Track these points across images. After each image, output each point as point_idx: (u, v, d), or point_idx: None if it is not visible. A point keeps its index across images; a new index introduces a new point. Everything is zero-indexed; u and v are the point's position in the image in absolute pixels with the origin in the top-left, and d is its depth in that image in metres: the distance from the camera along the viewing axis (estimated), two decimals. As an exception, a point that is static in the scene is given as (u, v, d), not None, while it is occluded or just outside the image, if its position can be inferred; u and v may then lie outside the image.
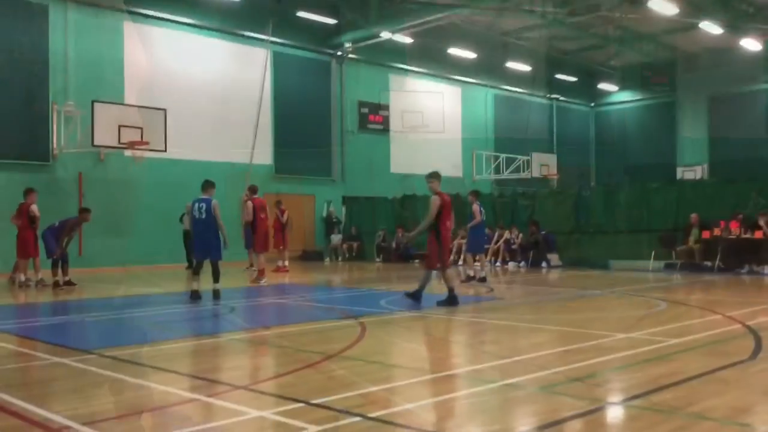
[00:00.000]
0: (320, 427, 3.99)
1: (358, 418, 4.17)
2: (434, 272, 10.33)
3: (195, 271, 11.31)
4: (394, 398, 4.99)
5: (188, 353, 7.02)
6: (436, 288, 10.79)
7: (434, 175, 10.37)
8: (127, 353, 6.65)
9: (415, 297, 10.07)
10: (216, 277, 11.11)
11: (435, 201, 9.98)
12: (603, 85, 35.77)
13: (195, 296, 11.05)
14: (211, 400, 4.74)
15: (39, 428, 4.09)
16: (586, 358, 6.00)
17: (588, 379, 5.28)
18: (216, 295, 11.04)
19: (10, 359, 6.70)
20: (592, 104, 37.25)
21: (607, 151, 35.90)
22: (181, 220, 18.61)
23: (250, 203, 15.42)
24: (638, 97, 35.23)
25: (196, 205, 11.15)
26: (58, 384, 5.52)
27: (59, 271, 13.93)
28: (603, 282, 14.35)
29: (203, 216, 11.06)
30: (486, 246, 16.75)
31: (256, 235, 15.31)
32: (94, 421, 4.19)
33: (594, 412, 4.39)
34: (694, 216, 16.73)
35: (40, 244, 14.33)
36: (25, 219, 14.23)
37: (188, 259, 18.73)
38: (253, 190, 15.81)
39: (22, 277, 14.32)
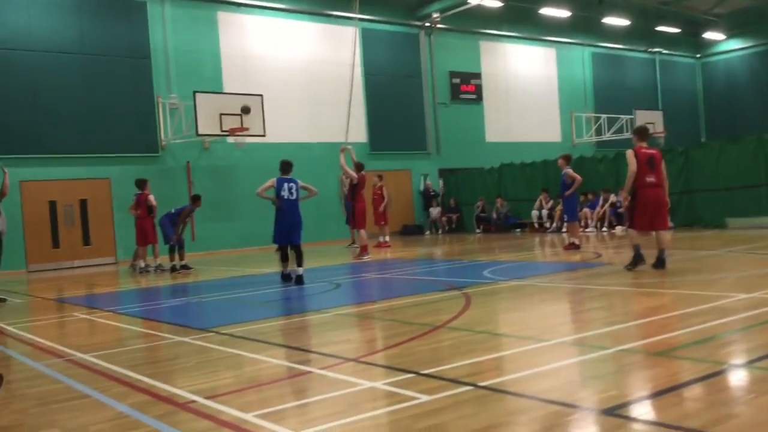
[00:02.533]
0: (431, 397, 4.02)
1: (469, 387, 4.17)
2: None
3: (282, 258, 11.14)
4: (504, 366, 4.96)
5: (299, 329, 7.23)
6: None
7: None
8: (242, 330, 6.93)
9: (636, 261, 9.52)
10: (300, 261, 10.91)
11: (629, 157, 9.56)
12: (709, 35, 33.64)
13: (286, 278, 11.01)
14: (323, 372, 4.86)
15: (166, 403, 4.33)
16: (705, 321, 5.73)
17: (708, 341, 5.05)
18: (299, 280, 10.76)
19: (137, 340, 7.13)
20: (698, 55, 35.19)
21: (717, 104, 33.90)
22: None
23: (354, 174, 15.45)
24: (748, 44, 32.97)
25: (285, 185, 10.93)
26: (181, 361, 5.82)
27: (176, 255, 14.68)
28: (719, 241, 13.65)
29: (294, 196, 10.95)
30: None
31: (357, 211, 15.52)
32: (216, 395, 4.39)
33: (716, 374, 4.19)
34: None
35: (158, 231, 15.16)
36: (144, 208, 15.10)
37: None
38: (359, 166, 15.85)
39: (142, 264, 15.24)
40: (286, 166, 11.25)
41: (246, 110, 14.14)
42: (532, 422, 3.53)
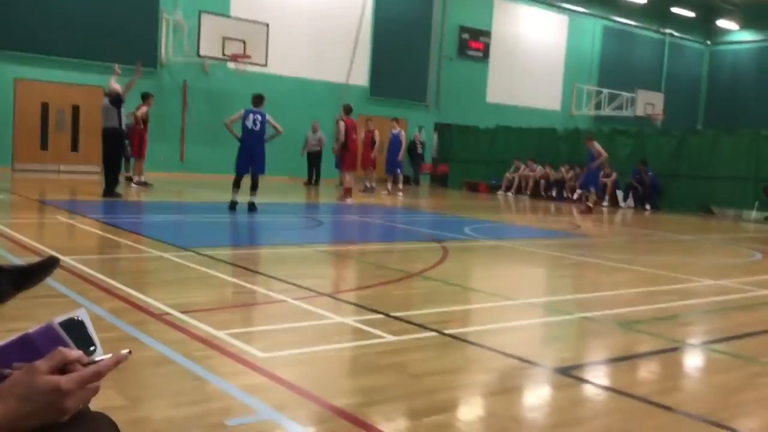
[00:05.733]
0: (397, 338, 4.18)
1: (434, 333, 4.34)
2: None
3: (234, 184, 11.38)
4: (470, 319, 5.13)
5: (278, 259, 7.37)
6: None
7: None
8: (222, 254, 7.06)
9: None
10: (254, 190, 11.26)
11: None
12: (722, 22, 33.35)
13: (233, 206, 11.21)
14: (297, 302, 5.01)
15: (142, 312, 4.46)
16: (670, 300, 5.93)
17: (669, 320, 5.24)
18: (252, 207, 11.13)
19: (117, 250, 7.24)
20: (708, 42, 34.97)
21: (720, 93, 33.86)
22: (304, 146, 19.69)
23: (342, 123, 15.52)
24: (760, 38, 32.78)
25: (251, 116, 11.19)
26: (159, 275, 5.95)
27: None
28: (699, 227, 13.89)
29: (257, 128, 11.19)
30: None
31: (347, 154, 15.54)
32: (190, 310, 4.53)
33: (671, 351, 4.39)
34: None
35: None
36: (140, 120, 15.10)
37: (309, 175, 19.73)
38: (347, 109, 15.85)
39: (142, 178, 15.30)
40: (257, 100, 11.47)
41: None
42: (488, 371, 3.70)
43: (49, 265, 1.62)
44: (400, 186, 19.08)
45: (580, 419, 3.08)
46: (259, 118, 11.22)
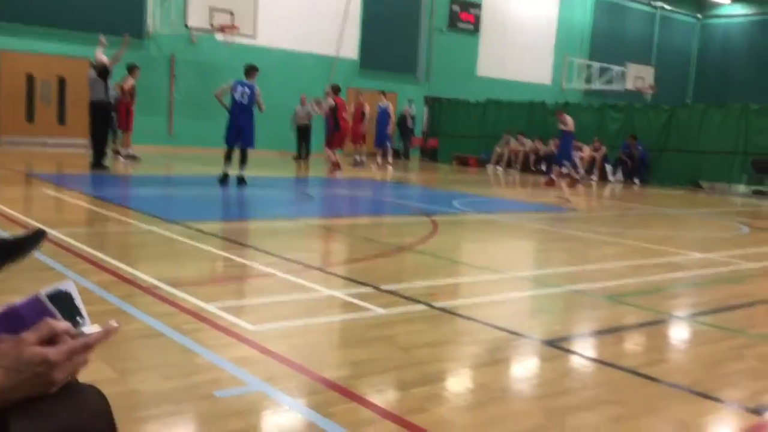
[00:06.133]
0: (386, 311, 4.19)
1: (423, 306, 4.35)
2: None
3: (225, 157, 11.27)
4: (459, 292, 5.15)
5: (267, 233, 7.36)
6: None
7: None
8: (211, 227, 7.03)
9: None
10: (243, 164, 11.18)
11: None
12: (714, -5, 33.29)
13: (224, 179, 11.12)
14: (286, 276, 5.01)
15: (130, 285, 4.45)
16: (657, 273, 5.98)
17: (656, 292, 5.29)
18: (241, 181, 11.07)
19: (104, 223, 7.20)
20: (699, 15, 34.84)
21: (710, 67, 33.82)
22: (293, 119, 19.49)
23: (331, 101, 15.33)
24: (751, 12, 32.69)
25: (240, 88, 11.06)
26: (148, 249, 5.93)
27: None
28: (687, 201, 13.98)
29: (245, 101, 11.06)
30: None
31: (338, 134, 15.43)
32: (179, 284, 4.52)
33: (657, 323, 4.43)
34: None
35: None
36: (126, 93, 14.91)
37: (298, 149, 19.56)
38: (335, 89, 15.64)
39: (130, 151, 15.14)
40: (250, 70, 11.34)
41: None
42: (476, 343, 3.73)
43: (35, 237, 1.59)
44: (390, 159, 19.03)
45: (567, 390, 3.11)
46: (248, 91, 11.08)
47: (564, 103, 21.52)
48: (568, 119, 14.41)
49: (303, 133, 19.94)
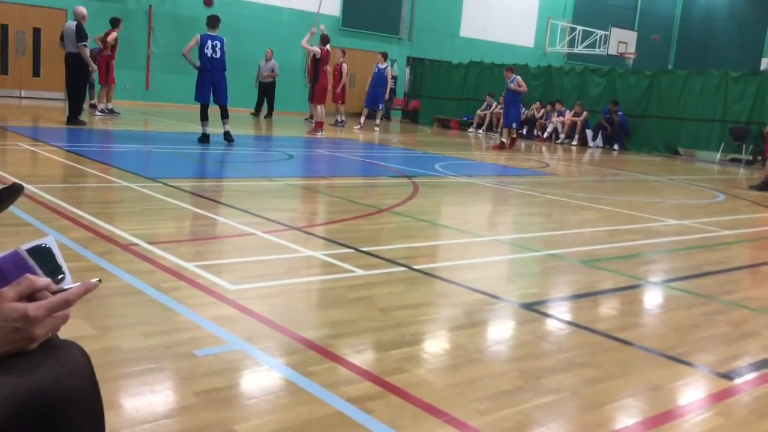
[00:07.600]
0: (366, 272, 4.21)
1: (403, 268, 4.38)
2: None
3: (203, 115, 10.92)
4: (438, 254, 5.18)
5: (247, 192, 7.31)
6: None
7: None
8: (190, 185, 6.97)
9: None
10: (226, 118, 10.86)
11: None
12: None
13: (205, 138, 10.87)
14: (266, 236, 5.00)
15: (108, 242, 4.41)
16: (634, 239, 6.05)
17: (632, 258, 5.36)
18: (228, 137, 10.81)
19: (81, 179, 7.11)
20: (684, -19, 34.69)
21: (691, 34, 33.79)
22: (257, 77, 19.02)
23: (317, 49, 14.88)
24: (736, -22, 32.61)
25: (209, 42, 10.56)
26: (126, 205, 5.87)
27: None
28: (665, 168, 14.10)
29: (217, 55, 10.59)
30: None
31: (318, 86, 15.23)
32: (158, 242, 4.49)
33: (632, 288, 4.50)
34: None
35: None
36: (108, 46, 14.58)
37: (257, 105, 19.18)
38: (324, 39, 15.10)
39: (109, 105, 14.85)
40: (213, 21, 10.82)
41: (209, 3, 13.41)
42: (454, 305, 3.76)
43: (12, 192, 1.57)
44: (377, 122, 18.67)
45: (543, 353, 3.16)
46: (218, 44, 10.66)
47: (546, 66, 21.47)
48: (520, 79, 15.14)
49: (266, 90, 19.34)
